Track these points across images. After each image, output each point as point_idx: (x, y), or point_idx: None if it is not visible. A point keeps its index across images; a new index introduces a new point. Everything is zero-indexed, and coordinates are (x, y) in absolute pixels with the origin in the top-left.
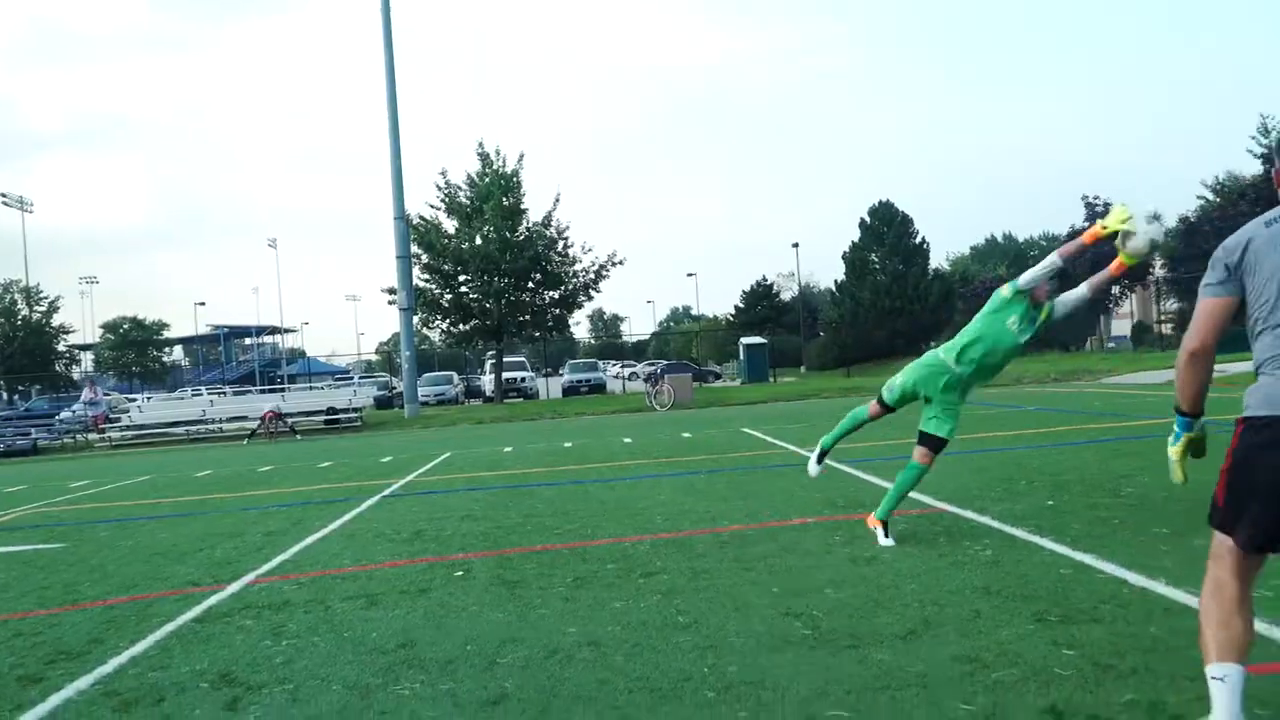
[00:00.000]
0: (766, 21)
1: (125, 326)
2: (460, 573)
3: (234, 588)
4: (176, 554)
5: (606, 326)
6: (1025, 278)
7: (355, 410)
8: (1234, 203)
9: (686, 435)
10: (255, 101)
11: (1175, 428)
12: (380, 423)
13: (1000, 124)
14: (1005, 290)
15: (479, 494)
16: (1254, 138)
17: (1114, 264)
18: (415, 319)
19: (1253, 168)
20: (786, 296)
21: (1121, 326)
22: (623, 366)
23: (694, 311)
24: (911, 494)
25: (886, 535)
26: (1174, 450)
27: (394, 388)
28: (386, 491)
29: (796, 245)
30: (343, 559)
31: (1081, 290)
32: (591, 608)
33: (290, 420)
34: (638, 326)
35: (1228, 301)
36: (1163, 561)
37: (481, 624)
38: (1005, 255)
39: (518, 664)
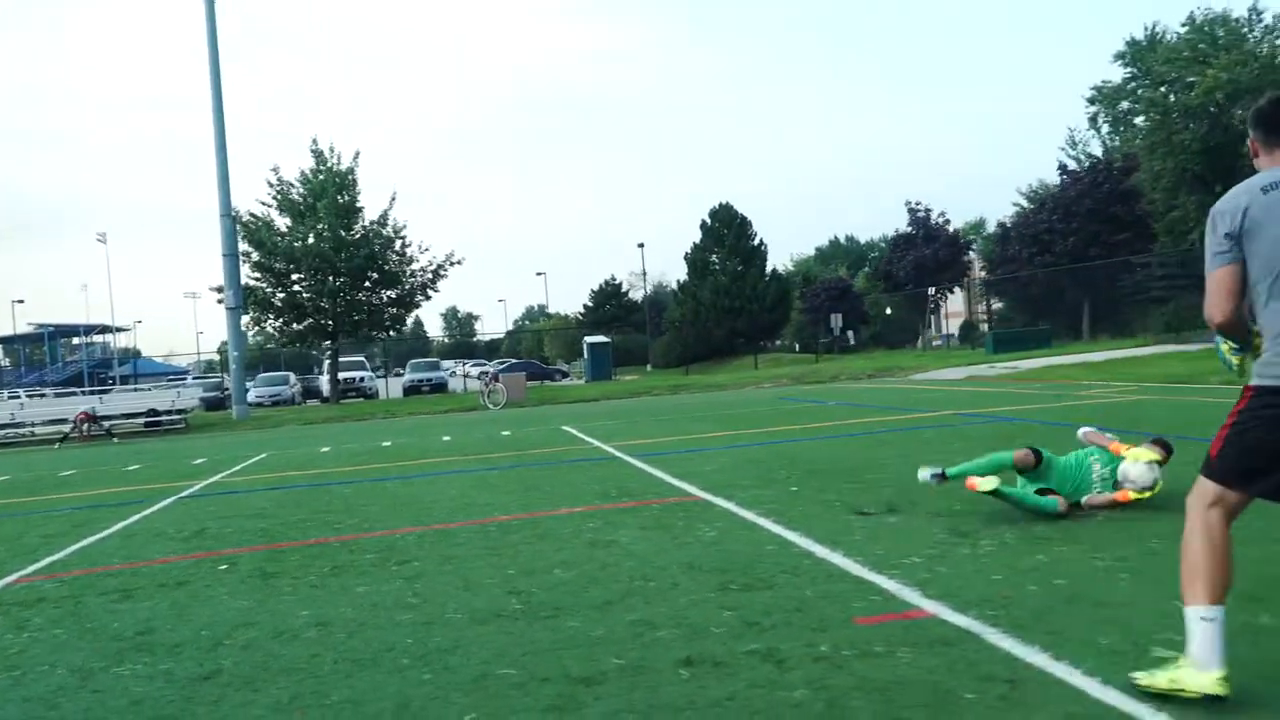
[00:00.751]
0: (612, 19)
1: None
2: (224, 566)
3: None
4: None
5: (460, 325)
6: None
7: (179, 412)
8: (1036, 211)
9: (506, 433)
10: (80, 89)
11: (1232, 349)
12: (206, 424)
13: (841, 129)
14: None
15: (277, 493)
16: (1063, 149)
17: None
18: (246, 318)
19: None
20: (640, 296)
21: (952, 325)
22: (473, 365)
23: (549, 310)
24: (674, 482)
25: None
26: (1239, 359)
27: (226, 388)
28: (185, 492)
29: (642, 245)
30: (114, 558)
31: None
32: (335, 593)
33: (108, 423)
34: (493, 325)
35: (1237, 267)
36: (853, 536)
37: (224, 610)
38: (848, 256)
39: (242, 644)
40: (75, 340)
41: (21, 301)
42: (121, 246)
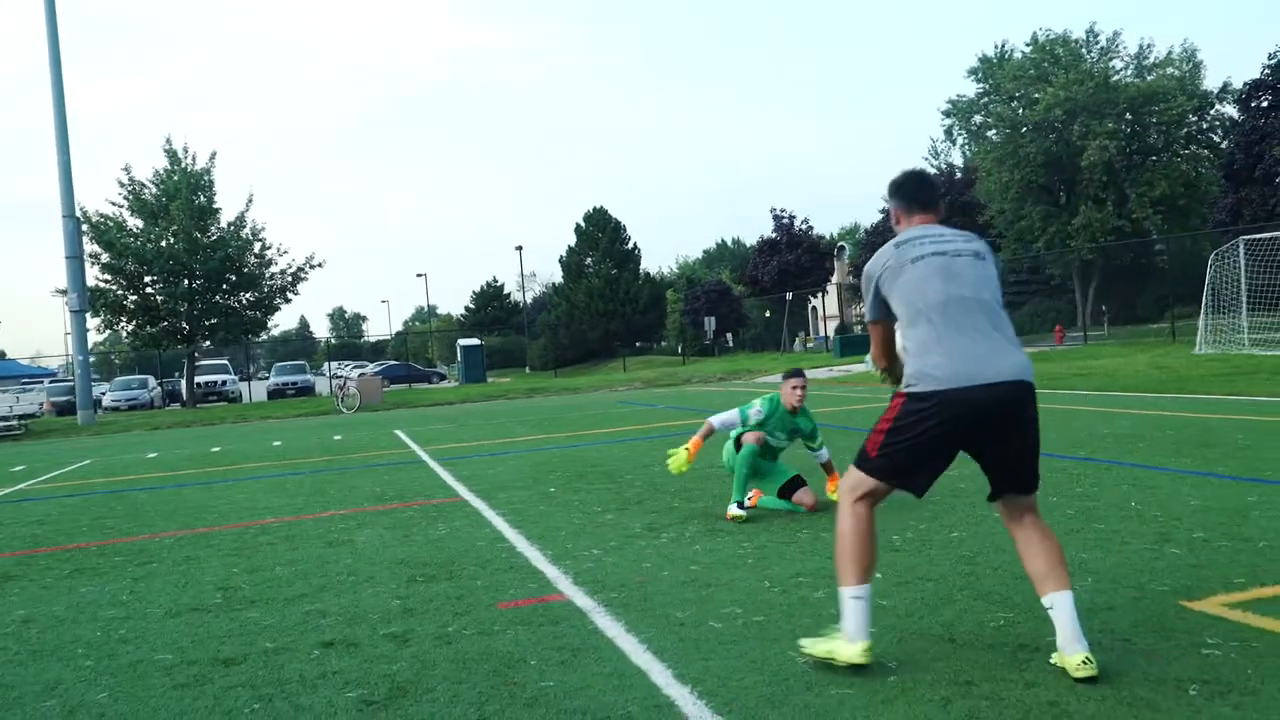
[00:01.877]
0: (493, 20)
1: None
2: None
3: None
4: None
5: (348, 326)
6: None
7: (21, 417)
8: (885, 219)
9: (337, 438)
10: None
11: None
12: (49, 430)
13: (736, 135)
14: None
15: (73, 499)
16: (926, 159)
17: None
18: (96, 321)
19: None
20: (530, 298)
21: (830, 327)
22: (354, 367)
23: (440, 311)
24: (452, 484)
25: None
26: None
27: None
28: None
29: (520, 248)
30: None
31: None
32: (59, 593)
33: None
34: (383, 326)
35: (888, 324)
36: (559, 533)
37: None
38: (734, 259)
39: None
40: None
41: None
42: None
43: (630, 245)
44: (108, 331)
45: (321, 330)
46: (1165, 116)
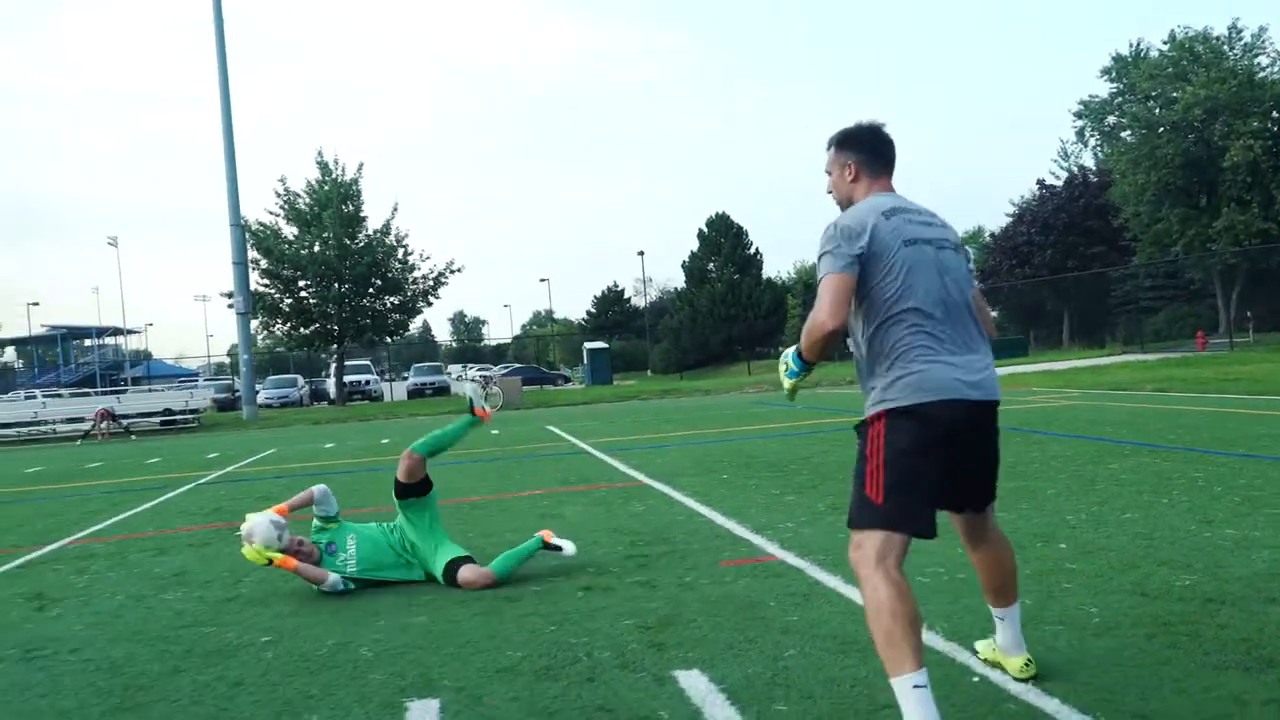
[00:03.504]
0: (613, 21)
1: None
2: (239, 533)
3: (51, 548)
4: (2, 529)
5: (468, 329)
6: None
7: (192, 411)
8: (1015, 224)
9: (495, 432)
10: (85, 92)
11: (795, 366)
12: (217, 424)
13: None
14: None
15: (283, 480)
16: (1055, 160)
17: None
18: (255, 323)
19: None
20: (649, 302)
21: None
22: (479, 370)
23: (557, 315)
24: (627, 471)
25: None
26: (791, 382)
27: (237, 390)
28: (201, 480)
29: (642, 253)
30: (147, 527)
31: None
32: None
33: (125, 421)
34: (500, 329)
35: (855, 279)
36: (749, 509)
37: (241, 560)
38: None
39: (256, 580)
40: (87, 342)
41: (37, 304)
42: (133, 250)
43: (752, 250)
44: (262, 333)
45: (441, 334)
46: None
